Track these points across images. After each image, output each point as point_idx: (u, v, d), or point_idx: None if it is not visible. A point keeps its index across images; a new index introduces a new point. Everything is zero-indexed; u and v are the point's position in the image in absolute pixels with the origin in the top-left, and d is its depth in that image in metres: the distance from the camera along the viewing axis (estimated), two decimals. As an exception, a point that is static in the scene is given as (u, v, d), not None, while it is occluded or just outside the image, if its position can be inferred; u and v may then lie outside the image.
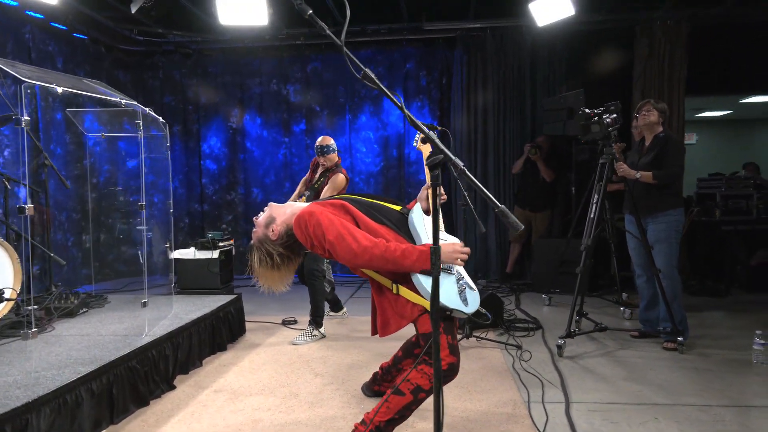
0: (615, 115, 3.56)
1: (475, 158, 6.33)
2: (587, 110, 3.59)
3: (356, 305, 4.95)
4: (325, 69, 6.71)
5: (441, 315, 2.06)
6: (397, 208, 2.38)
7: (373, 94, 6.69)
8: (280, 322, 4.33)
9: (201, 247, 4.24)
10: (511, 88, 6.29)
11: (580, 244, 5.21)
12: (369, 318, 4.42)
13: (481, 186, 1.52)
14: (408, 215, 2.29)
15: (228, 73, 6.79)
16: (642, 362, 3.28)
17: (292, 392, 2.86)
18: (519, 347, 3.53)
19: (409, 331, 2.32)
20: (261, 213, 2.45)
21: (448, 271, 2.13)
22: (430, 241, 2.16)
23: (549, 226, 5.98)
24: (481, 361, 3.31)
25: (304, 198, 3.94)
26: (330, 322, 4.28)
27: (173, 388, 2.93)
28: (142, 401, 2.68)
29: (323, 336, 3.89)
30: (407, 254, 2.05)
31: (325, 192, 3.96)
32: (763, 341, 3.19)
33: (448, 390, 2.81)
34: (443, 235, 2.27)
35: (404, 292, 2.11)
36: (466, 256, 2.11)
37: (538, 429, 2.37)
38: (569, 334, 3.49)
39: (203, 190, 6.92)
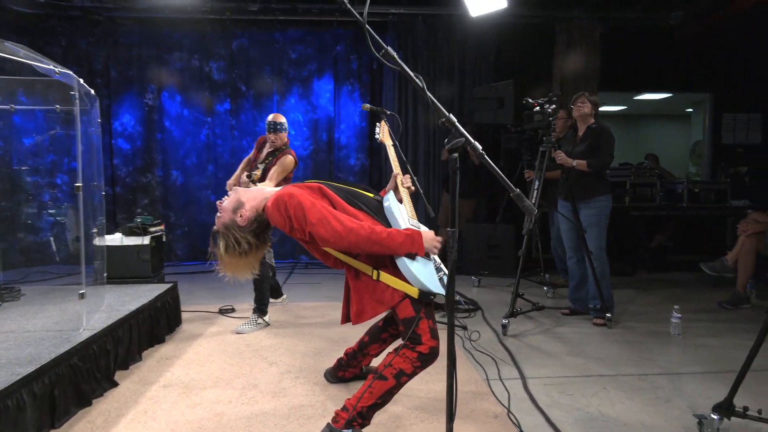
0: (554, 106, 3.76)
1: (406, 144, 6.40)
2: (530, 100, 3.76)
3: (294, 291, 4.85)
4: (251, 46, 6.42)
5: (427, 299, 2.08)
6: (371, 195, 2.36)
7: (303, 75, 6.53)
8: (217, 311, 4.14)
9: (129, 232, 3.91)
10: (442, 76, 6.42)
11: (507, 229, 5.49)
12: (312, 304, 4.39)
13: (497, 169, 1.53)
14: (383, 202, 2.27)
15: (144, 46, 6.28)
16: (578, 338, 3.52)
17: (249, 383, 2.75)
18: (465, 328, 3.65)
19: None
20: (225, 197, 2.32)
21: (428, 257, 2.14)
22: (406, 226, 2.16)
23: (475, 212, 6.20)
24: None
25: (257, 173, 3.72)
26: (271, 309, 4.15)
27: (116, 385, 2.71)
28: (85, 401, 2.45)
29: (268, 324, 3.77)
30: (393, 237, 2.04)
31: (273, 173, 3.79)
32: (679, 315, 3.55)
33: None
34: (415, 223, 2.28)
35: (385, 277, 2.09)
36: (440, 245, 2.14)
37: (503, 405, 2.47)
38: (512, 314, 3.66)
39: (115, 172, 6.38)
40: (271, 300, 4.33)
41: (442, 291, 2.09)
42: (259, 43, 6.43)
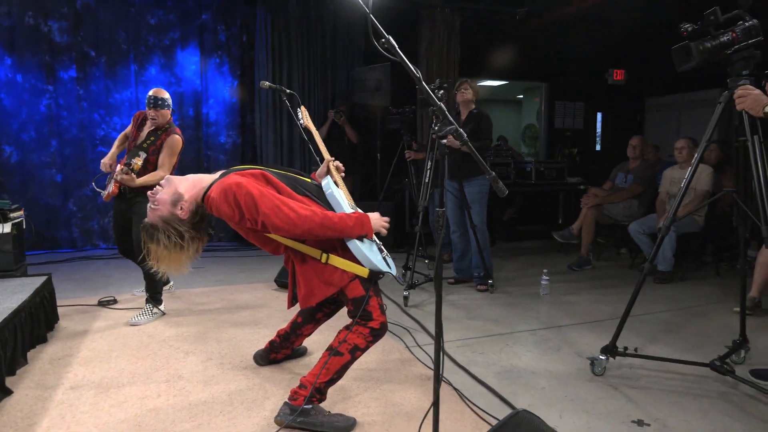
0: (443, 91, 4.04)
1: (281, 123, 6.28)
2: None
3: (177, 277, 4.55)
4: (100, 7, 5.71)
5: (376, 278, 2.19)
6: (309, 180, 2.38)
7: (165, 43, 6.01)
8: (96, 303, 3.75)
9: (-18, 219, 3.34)
10: (315, 55, 6.39)
11: (387, 206, 5.76)
12: (203, 289, 4.20)
13: (476, 153, 1.69)
14: (325, 189, 2.30)
15: (-41, -5, 5.23)
16: (469, 303, 3.92)
17: (172, 375, 2.60)
18: (367, 302, 3.82)
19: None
20: (157, 187, 2.16)
21: (371, 239, 2.24)
22: (350, 210, 2.23)
23: (351, 190, 6.36)
24: (344, 318, 3.48)
25: (137, 161, 3.38)
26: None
27: (10, 393, 2.37)
28: (-20, 416, 2.13)
29: (163, 313, 3.54)
30: (345, 221, 2.11)
31: (164, 160, 3.51)
32: (547, 278, 4.14)
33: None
34: (353, 206, 2.36)
35: (334, 260, 2.15)
36: (388, 225, 2.26)
37: (430, 368, 2.70)
38: (411, 286, 3.93)
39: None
40: (156, 288, 4.06)
41: (390, 270, 2.23)
42: (109, 4, 5.74)
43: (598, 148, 8.28)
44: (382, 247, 2.32)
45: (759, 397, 2.40)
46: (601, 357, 2.64)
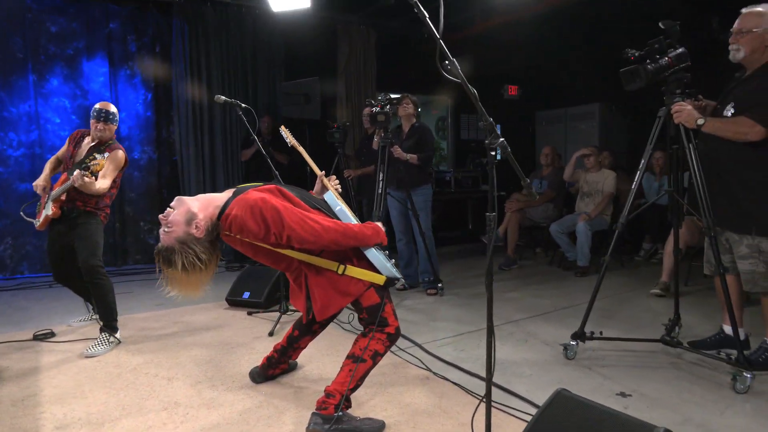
0: (389, 107, 4.23)
1: (202, 139, 6.04)
2: (373, 102, 4.16)
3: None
4: (-8, 11, 5.13)
5: (390, 285, 2.29)
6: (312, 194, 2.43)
7: (68, 53, 5.54)
8: (32, 337, 3.38)
9: None
10: (236, 67, 6.25)
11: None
12: (147, 314, 3.98)
13: (515, 161, 1.87)
14: (333, 206, 2.37)
15: None
16: (426, 307, 4.11)
17: (167, 402, 2.46)
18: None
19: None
20: (168, 210, 2.08)
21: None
22: (356, 222, 2.32)
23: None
24: (331, 334, 3.50)
25: (99, 162, 3.08)
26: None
27: (-14, 443, 2.11)
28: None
29: (119, 342, 3.29)
30: (363, 231, 2.21)
31: (107, 171, 3.27)
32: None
33: (325, 364, 2.98)
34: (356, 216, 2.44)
35: (351, 270, 2.22)
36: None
37: (425, 368, 2.83)
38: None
39: None
40: (96, 316, 3.77)
41: (399, 275, 2.35)
42: (2, 8, 5.17)
43: (498, 157, 8.96)
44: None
45: (700, 363, 2.85)
46: (572, 342, 2.96)
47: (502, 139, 1.79)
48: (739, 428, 2.19)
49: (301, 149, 2.74)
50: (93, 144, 3.36)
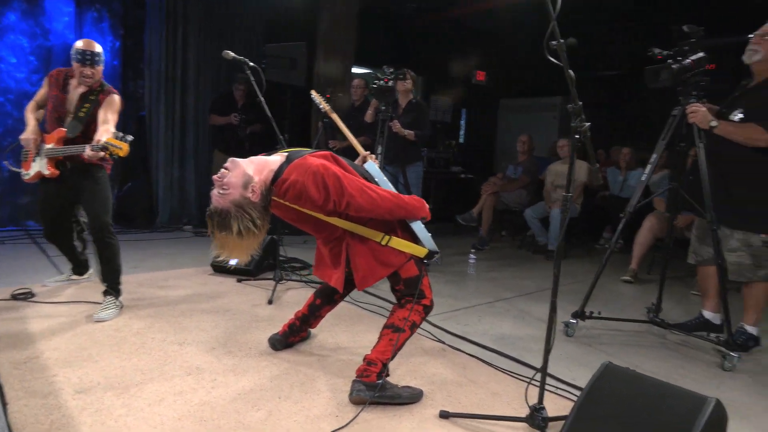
0: (392, 83, 4.19)
1: (173, 94, 5.72)
2: (380, 75, 4.12)
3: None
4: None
5: (430, 258, 2.32)
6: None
7: (27, -14, 5.03)
8: (9, 297, 3.13)
9: None
10: (215, 24, 5.94)
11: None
12: (136, 277, 3.77)
13: (591, 145, 1.93)
14: (373, 174, 2.34)
15: None
16: (415, 282, 4.16)
17: (189, 368, 2.37)
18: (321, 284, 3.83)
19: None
20: (223, 170, 1.99)
21: None
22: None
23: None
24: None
25: (123, 144, 2.78)
26: (88, 288, 3.39)
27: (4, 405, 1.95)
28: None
29: (122, 306, 3.10)
30: (412, 202, 2.22)
31: (107, 114, 2.99)
32: (474, 257, 4.59)
33: (337, 333, 2.98)
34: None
35: (394, 242, 2.22)
36: None
37: (439, 341, 2.90)
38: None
39: None
40: (75, 277, 3.55)
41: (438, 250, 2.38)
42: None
43: (461, 140, 9.14)
44: None
45: (684, 343, 3.10)
46: (572, 321, 3.12)
47: (588, 124, 1.82)
48: (734, 402, 2.41)
49: (337, 120, 2.67)
50: (84, 91, 3.07)
